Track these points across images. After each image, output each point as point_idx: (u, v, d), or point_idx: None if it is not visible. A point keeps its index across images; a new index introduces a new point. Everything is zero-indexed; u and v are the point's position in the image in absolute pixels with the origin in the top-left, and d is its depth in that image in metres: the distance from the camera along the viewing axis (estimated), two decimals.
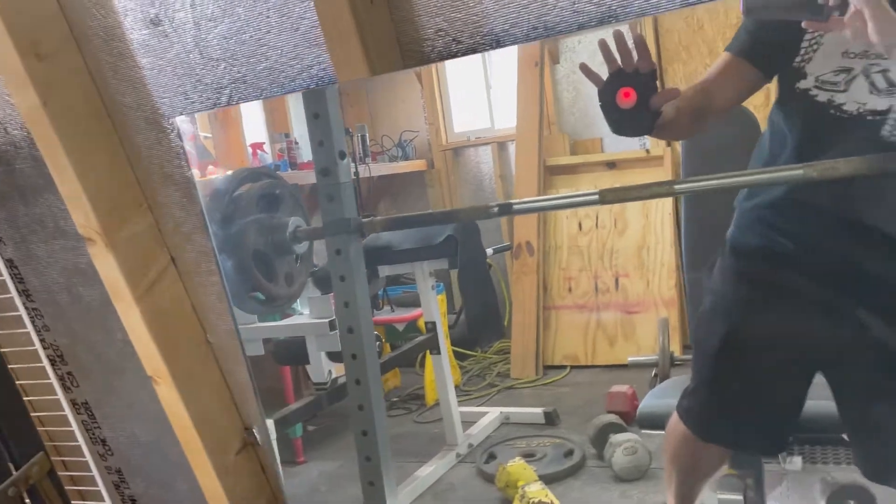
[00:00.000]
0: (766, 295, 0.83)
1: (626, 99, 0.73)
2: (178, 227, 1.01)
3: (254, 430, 1.14)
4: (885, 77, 0.65)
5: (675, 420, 0.89)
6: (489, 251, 2.45)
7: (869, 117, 0.67)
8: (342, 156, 1.35)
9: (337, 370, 1.94)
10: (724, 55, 0.76)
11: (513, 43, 0.76)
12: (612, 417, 2.10)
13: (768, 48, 0.68)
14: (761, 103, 0.96)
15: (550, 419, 2.32)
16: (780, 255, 0.78)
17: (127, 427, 1.21)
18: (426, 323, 2.26)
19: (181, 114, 0.93)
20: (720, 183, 0.86)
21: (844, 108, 0.68)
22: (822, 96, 0.69)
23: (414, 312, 2.49)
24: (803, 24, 0.62)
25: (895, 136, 0.66)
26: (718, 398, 0.87)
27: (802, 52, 0.67)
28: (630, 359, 1.68)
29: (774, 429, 0.87)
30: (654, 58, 0.73)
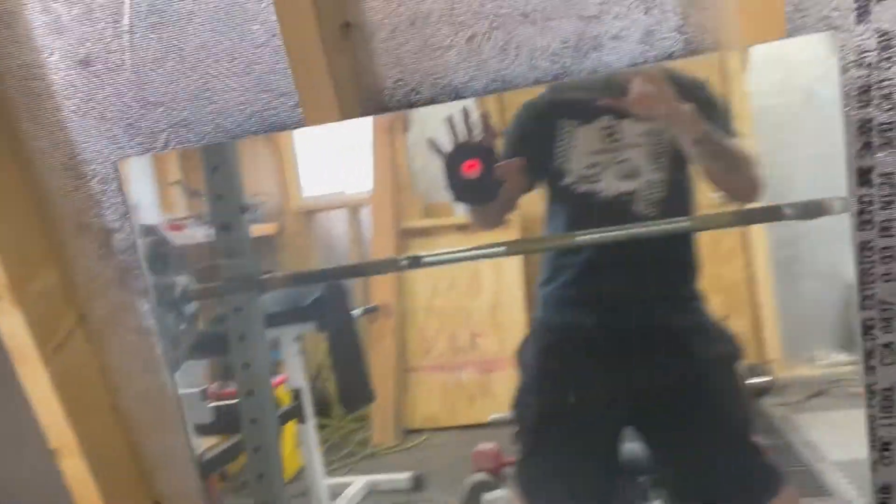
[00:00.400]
0: (571, 365, 0.92)
1: (471, 170, 0.81)
2: (91, 282, 0.94)
3: None
4: (627, 165, 0.80)
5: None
6: (357, 312, 2.43)
7: (623, 198, 0.80)
8: (243, 210, 1.32)
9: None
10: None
11: (472, 95, 0.81)
12: (483, 476, 2.14)
13: (532, 157, 0.81)
14: None
15: (418, 484, 2.30)
16: (580, 327, 0.89)
17: None
18: (292, 391, 2.18)
19: (108, 160, 0.87)
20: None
21: (602, 194, 0.81)
22: (582, 188, 0.81)
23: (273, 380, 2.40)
24: (603, 103, 0.74)
25: (646, 210, 0.81)
26: (545, 466, 0.95)
27: (559, 155, 0.79)
28: (491, 417, 1.74)
29: (601, 482, 0.96)
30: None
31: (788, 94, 0.88)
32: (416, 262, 1.30)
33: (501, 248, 1.06)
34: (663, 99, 0.73)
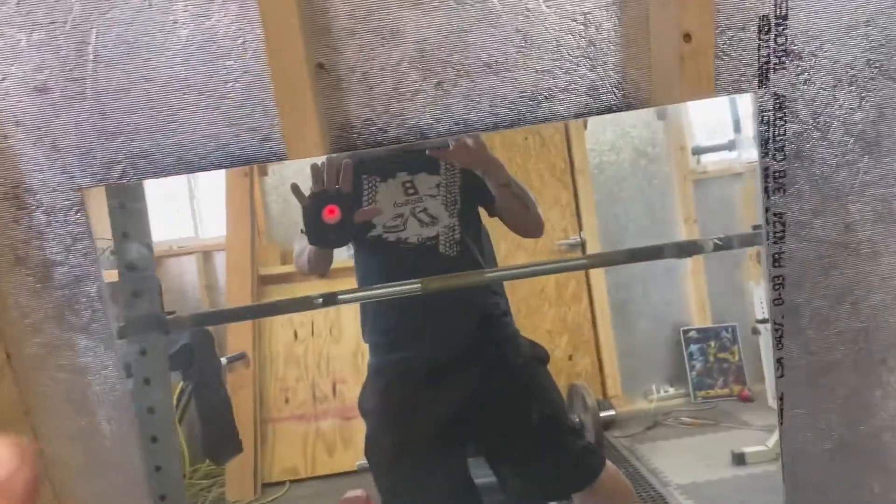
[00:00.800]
0: (405, 399, 1.02)
1: (331, 215, 0.88)
2: (24, 319, 0.89)
3: None
4: (426, 213, 0.92)
5: None
6: (223, 361, 2.37)
7: (428, 243, 0.93)
8: (150, 249, 1.28)
9: None
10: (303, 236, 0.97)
11: (436, 136, 0.87)
12: None
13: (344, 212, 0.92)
14: None
15: None
16: (405, 362, 1.00)
17: None
18: None
19: (55, 190, 0.84)
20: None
21: (409, 241, 0.93)
22: (391, 237, 0.92)
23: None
24: (427, 152, 0.87)
25: (448, 251, 0.93)
26: (407, 500, 1.04)
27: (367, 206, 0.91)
28: (358, 463, 1.77)
29: (458, 499, 1.06)
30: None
31: (620, 152, 1.05)
32: (331, 300, 1.33)
33: (417, 286, 1.12)
34: (479, 149, 0.86)
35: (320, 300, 1.22)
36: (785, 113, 0.89)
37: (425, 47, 0.83)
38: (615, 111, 0.88)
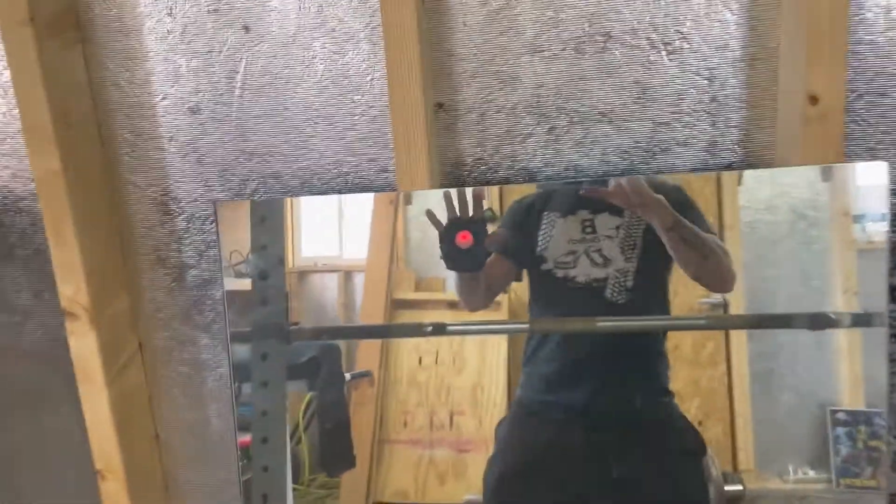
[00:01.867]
0: (539, 439, 0.99)
1: (464, 240, 0.90)
2: (157, 313, 0.98)
3: None
4: (599, 254, 0.89)
5: None
6: (347, 376, 2.45)
7: (594, 284, 0.89)
8: (281, 262, 1.38)
9: None
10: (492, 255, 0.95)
11: (544, 180, 0.88)
12: None
13: (516, 241, 0.90)
14: None
15: None
16: (557, 406, 0.96)
17: None
18: None
19: (197, 201, 0.94)
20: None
21: (577, 279, 0.90)
22: (560, 273, 0.90)
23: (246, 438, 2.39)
24: (581, 192, 0.85)
25: (614, 297, 0.89)
26: None
27: (541, 243, 0.88)
28: (466, 498, 1.76)
29: None
30: None
31: (776, 212, 0.98)
32: (440, 329, 1.36)
33: (525, 325, 1.12)
34: (638, 190, 0.83)
35: (430, 328, 1.26)
36: None
37: (541, 93, 0.85)
38: (735, 168, 0.85)
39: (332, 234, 1.21)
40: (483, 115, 0.87)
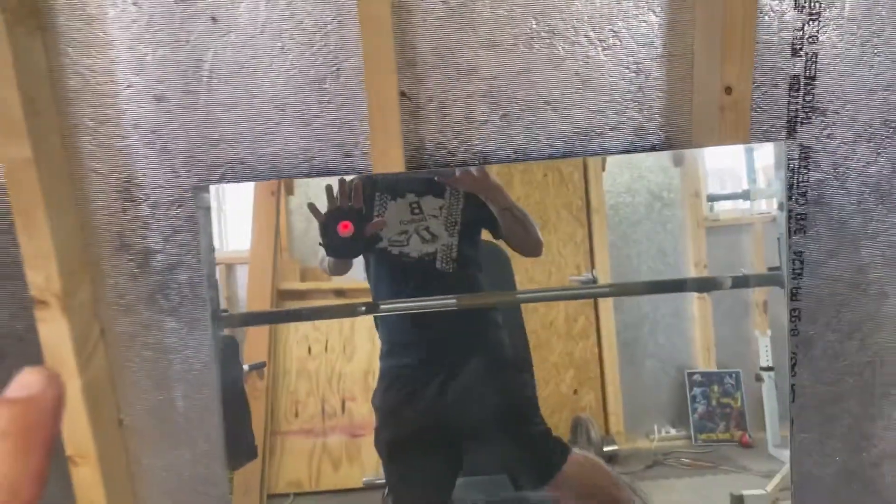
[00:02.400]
0: (406, 402, 1.13)
1: (345, 230, 1.00)
2: (120, 298, 0.99)
3: None
4: (428, 232, 1.03)
5: None
6: (245, 367, 2.46)
7: (426, 258, 1.04)
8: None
9: None
10: None
11: (496, 162, 0.98)
12: None
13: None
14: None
15: None
16: (411, 368, 1.12)
17: None
18: None
19: (162, 187, 0.96)
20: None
21: (411, 255, 1.04)
22: (395, 250, 1.04)
23: None
24: (436, 179, 0.99)
25: (443, 267, 1.04)
26: (409, 482, 1.16)
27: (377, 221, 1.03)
28: (365, 479, 1.85)
29: (449, 482, 1.16)
30: None
31: (636, 195, 1.12)
32: (373, 308, 1.43)
33: (452, 301, 1.22)
34: (483, 177, 0.98)
35: (363, 308, 1.33)
36: (809, 162, 1.00)
37: (495, 84, 0.95)
38: (658, 150, 0.99)
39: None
40: (442, 104, 0.96)
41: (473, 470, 1.22)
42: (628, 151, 0.99)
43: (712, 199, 1.08)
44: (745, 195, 1.03)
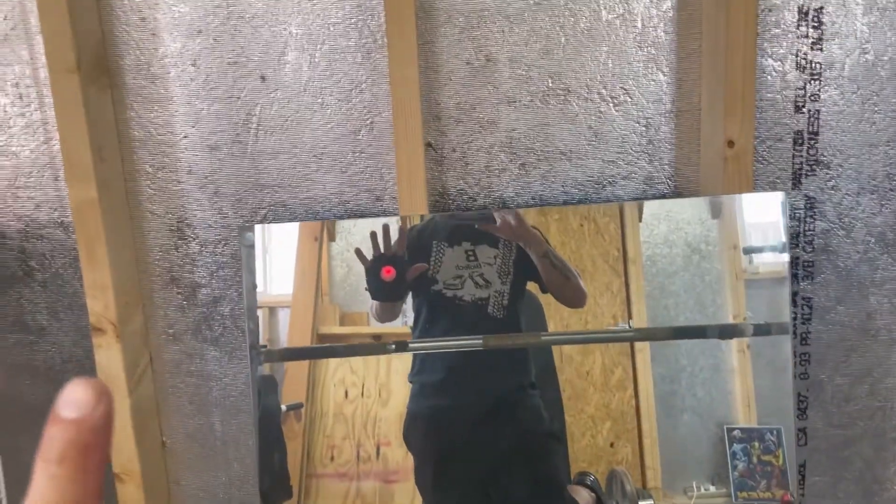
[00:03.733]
0: (445, 441, 1.17)
1: (388, 275, 1.06)
2: (168, 328, 1.09)
3: None
4: (482, 278, 1.08)
5: None
6: (283, 407, 2.53)
7: (479, 302, 1.09)
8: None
9: None
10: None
11: (515, 206, 1.06)
12: None
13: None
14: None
15: None
16: (443, 409, 1.15)
17: None
18: None
19: (210, 227, 1.06)
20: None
21: (464, 298, 1.09)
22: (449, 293, 1.09)
23: None
24: (477, 226, 1.04)
25: (495, 313, 1.09)
26: None
27: (431, 267, 1.08)
28: None
29: None
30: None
31: (673, 246, 1.13)
32: (402, 346, 1.50)
33: (478, 341, 1.29)
34: (520, 225, 1.03)
35: (393, 346, 1.40)
36: (815, 212, 1.06)
37: (514, 136, 1.03)
38: (668, 198, 1.06)
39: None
40: (465, 154, 1.04)
41: None
42: (639, 199, 1.05)
43: (749, 251, 1.08)
44: (783, 248, 1.05)
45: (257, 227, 1.05)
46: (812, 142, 1.03)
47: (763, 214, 1.02)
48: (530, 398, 1.15)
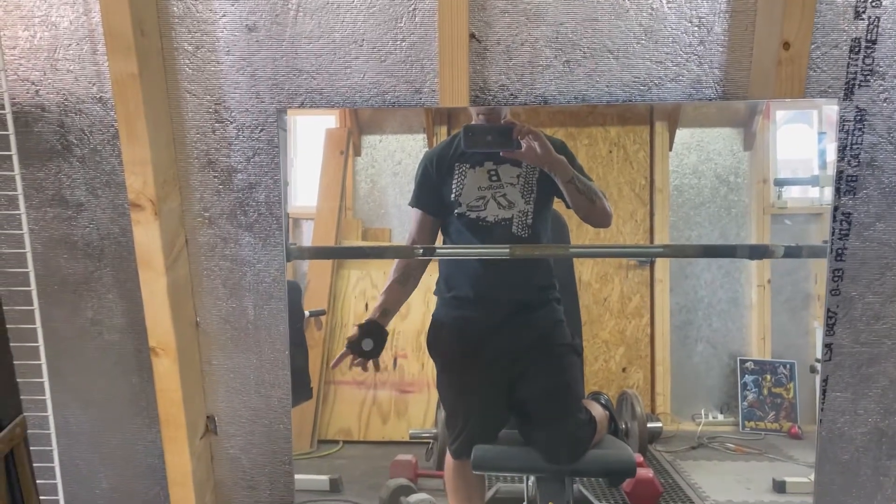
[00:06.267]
0: (468, 348, 1.19)
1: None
2: (203, 211, 1.10)
3: (214, 419, 1.20)
4: (504, 198, 1.08)
5: (449, 459, 1.24)
6: (306, 313, 2.58)
7: (503, 223, 1.09)
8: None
9: None
10: (413, 210, 1.16)
11: (556, 104, 1.04)
12: (404, 480, 2.28)
13: (433, 196, 1.10)
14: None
15: (335, 486, 2.42)
16: (468, 319, 1.16)
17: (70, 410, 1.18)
18: None
19: (246, 110, 1.05)
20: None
21: (487, 219, 1.09)
22: (472, 214, 1.09)
23: None
24: (501, 154, 1.01)
25: (519, 233, 1.09)
26: (468, 436, 1.22)
27: (455, 190, 1.06)
28: (411, 431, 1.93)
29: (501, 419, 1.21)
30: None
31: (701, 177, 1.11)
32: (429, 252, 1.50)
33: (505, 249, 1.28)
34: (546, 152, 1.02)
35: (420, 251, 1.40)
36: (864, 125, 1.03)
37: (561, 30, 1.00)
38: (713, 101, 1.03)
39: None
40: (509, 47, 1.02)
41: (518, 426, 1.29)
42: (684, 101, 1.03)
43: (779, 183, 1.06)
44: (814, 181, 1.03)
45: (289, 117, 1.04)
46: (869, 50, 0.99)
47: (795, 150, 1.00)
48: (554, 311, 1.16)
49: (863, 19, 0.98)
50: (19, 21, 1.02)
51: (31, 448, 1.09)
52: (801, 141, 1.02)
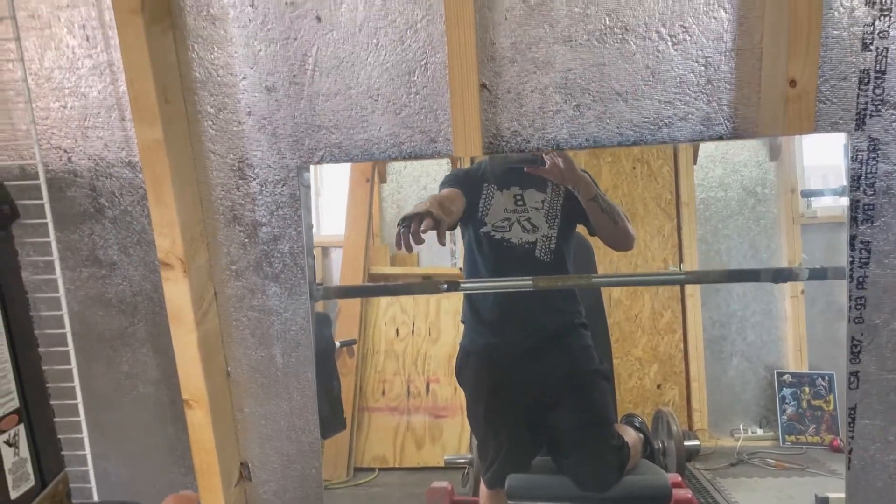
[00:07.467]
0: (496, 377, 1.20)
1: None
2: (232, 264, 1.13)
3: (248, 465, 1.23)
4: (529, 222, 1.10)
5: (483, 489, 1.24)
6: (337, 344, 2.61)
7: (526, 246, 1.10)
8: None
9: None
10: (448, 188, 1.15)
11: (569, 148, 1.06)
12: None
13: (462, 187, 1.12)
14: None
15: None
16: (495, 347, 1.18)
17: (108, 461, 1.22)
18: None
19: (269, 167, 1.09)
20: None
21: (511, 241, 1.12)
22: (497, 235, 1.12)
23: None
24: (526, 169, 1.04)
25: (542, 257, 1.11)
26: (501, 466, 1.22)
27: (481, 208, 1.08)
28: (446, 458, 1.94)
29: (533, 448, 1.22)
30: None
31: (728, 189, 1.10)
32: (454, 286, 1.52)
33: (528, 282, 1.30)
34: (569, 168, 1.04)
35: (445, 286, 1.43)
36: (878, 154, 1.03)
37: (569, 76, 1.03)
38: (725, 140, 1.04)
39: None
40: (519, 95, 1.04)
41: (550, 454, 1.30)
42: (695, 140, 1.04)
43: (807, 194, 1.08)
44: (843, 191, 1.03)
45: (311, 168, 1.08)
46: (879, 81, 1.00)
47: (823, 157, 0.98)
48: (581, 337, 1.17)
49: (870, 50, 0.99)
50: (50, 93, 1.07)
51: (74, 502, 1.12)
52: (829, 146, 1.00)
